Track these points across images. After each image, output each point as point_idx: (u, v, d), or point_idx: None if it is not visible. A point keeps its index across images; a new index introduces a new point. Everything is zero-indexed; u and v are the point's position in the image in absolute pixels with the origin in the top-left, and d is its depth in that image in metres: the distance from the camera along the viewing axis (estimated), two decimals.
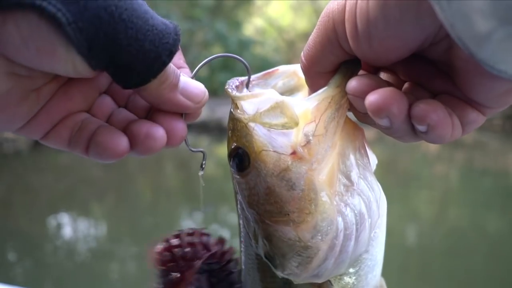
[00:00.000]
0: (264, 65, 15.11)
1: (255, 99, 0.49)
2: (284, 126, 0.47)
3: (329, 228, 0.47)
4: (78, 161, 9.68)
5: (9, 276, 4.04)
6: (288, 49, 17.29)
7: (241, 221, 0.55)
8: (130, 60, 0.43)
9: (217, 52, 16.08)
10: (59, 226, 5.61)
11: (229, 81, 0.53)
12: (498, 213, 5.74)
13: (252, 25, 17.03)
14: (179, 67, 0.51)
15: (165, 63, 0.45)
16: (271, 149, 0.47)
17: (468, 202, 6.24)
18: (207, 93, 0.51)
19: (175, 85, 0.47)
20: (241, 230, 0.55)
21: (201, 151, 0.55)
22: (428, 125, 0.41)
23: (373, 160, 0.53)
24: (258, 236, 0.51)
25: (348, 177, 0.49)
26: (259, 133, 0.48)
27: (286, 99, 0.48)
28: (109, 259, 4.67)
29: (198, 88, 0.50)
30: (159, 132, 0.48)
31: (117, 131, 0.48)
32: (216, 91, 15.68)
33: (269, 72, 0.55)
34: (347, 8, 0.41)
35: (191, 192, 7.47)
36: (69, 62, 0.41)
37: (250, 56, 14.89)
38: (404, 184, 6.64)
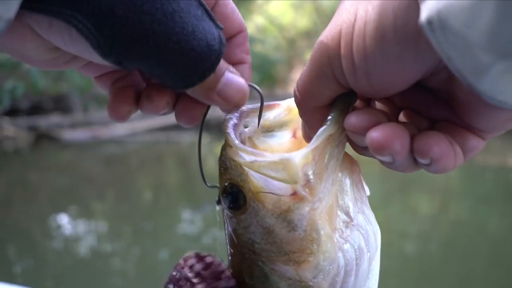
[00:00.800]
0: (265, 63, 15.14)
1: (254, 157, 0.46)
2: (282, 181, 0.45)
3: (331, 267, 0.46)
4: (79, 159, 9.68)
5: (9, 275, 4.04)
6: (289, 47, 17.26)
7: (230, 257, 0.52)
8: (160, 76, 0.46)
9: None
10: (59, 224, 5.61)
11: (226, 117, 0.50)
12: (499, 211, 5.73)
13: (253, 23, 17.00)
14: (238, 62, 0.53)
15: (194, 84, 0.46)
16: (268, 191, 0.46)
17: (468, 200, 6.24)
18: (247, 93, 0.51)
19: (212, 88, 0.48)
20: (229, 265, 0.52)
21: (217, 186, 0.53)
22: (431, 158, 0.40)
23: (367, 191, 0.52)
24: (253, 273, 0.49)
25: (347, 213, 0.48)
26: (255, 175, 0.46)
27: (292, 157, 0.45)
28: (109, 257, 4.68)
29: (239, 90, 0.50)
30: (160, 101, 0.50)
31: (128, 96, 0.52)
32: None
33: (268, 106, 0.53)
34: (342, 44, 0.40)
35: (192, 191, 7.47)
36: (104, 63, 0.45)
37: (251, 54, 14.83)
38: (405, 181, 6.64)
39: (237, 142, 0.48)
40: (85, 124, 11.47)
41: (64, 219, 5.78)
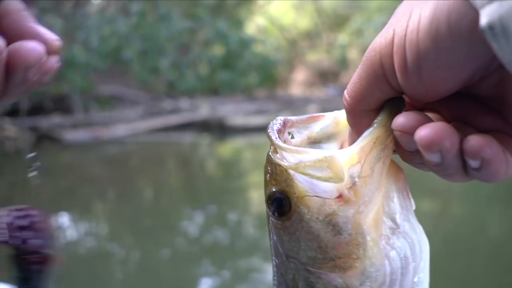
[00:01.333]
0: (266, 63, 15.15)
1: (299, 155, 0.47)
2: (328, 180, 0.45)
3: (377, 273, 0.45)
4: (79, 159, 9.70)
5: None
6: (290, 48, 17.28)
7: (275, 268, 0.52)
8: None
9: (218, 51, 16.05)
10: (60, 225, 5.61)
11: (271, 122, 0.50)
12: (500, 212, 5.73)
13: (254, 24, 17.02)
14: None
15: None
16: (314, 194, 0.45)
17: (470, 201, 6.23)
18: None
19: (30, 16, 0.49)
20: (275, 276, 0.52)
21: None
22: (482, 159, 0.39)
23: (412, 204, 0.51)
24: (298, 283, 0.48)
25: (393, 220, 0.48)
26: (300, 179, 0.46)
27: (336, 154, 0.45)
28: (110, 258, 4.68)
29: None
30: None
31: None
32: (217, 90, 15.67)
33: (314, 117, 0.53)
34: (395, 41, 0.40)
35: (192, 191, 7.49)
36: None
37: (251, 55, 14.85)
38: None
39: (279, 141, 0.48)
40: (86, 125, 11.49)
41: (65, 220, 5.78)
